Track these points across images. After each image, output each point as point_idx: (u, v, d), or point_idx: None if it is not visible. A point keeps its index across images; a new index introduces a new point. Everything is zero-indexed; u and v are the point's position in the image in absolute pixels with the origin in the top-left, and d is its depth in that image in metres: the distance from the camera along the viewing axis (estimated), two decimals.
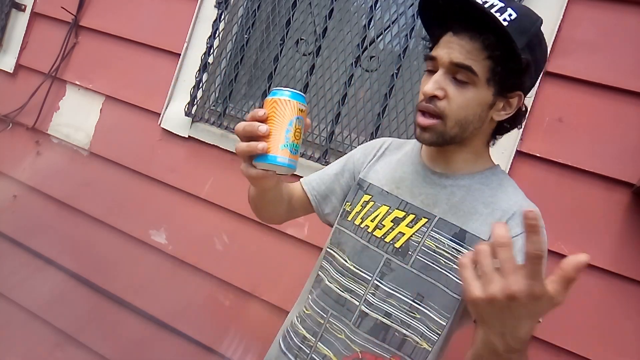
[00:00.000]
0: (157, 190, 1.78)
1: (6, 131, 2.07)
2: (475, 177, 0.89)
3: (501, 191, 0.88)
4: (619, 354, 1.21)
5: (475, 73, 0.79)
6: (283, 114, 0.71)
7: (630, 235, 1.22)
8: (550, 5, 1.32)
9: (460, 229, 0.85)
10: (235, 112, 1.72)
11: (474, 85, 0.80)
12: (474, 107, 0.81)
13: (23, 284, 1.96)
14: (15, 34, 2.09)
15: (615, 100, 1.26)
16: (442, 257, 0.85)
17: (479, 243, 0.75)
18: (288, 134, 0.71)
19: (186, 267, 1.71)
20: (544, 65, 0.86)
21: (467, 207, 0.87)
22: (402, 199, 0.91)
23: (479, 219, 0.85)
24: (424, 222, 0.88)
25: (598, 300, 1.24)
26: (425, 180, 0.91)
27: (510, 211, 0.84)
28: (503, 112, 0.85)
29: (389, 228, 0.90)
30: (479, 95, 0.81)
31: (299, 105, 0.72)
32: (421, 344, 0.86)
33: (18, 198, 2.03)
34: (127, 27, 1.89)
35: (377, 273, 0.89)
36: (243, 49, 1.70)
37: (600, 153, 1.26)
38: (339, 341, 0.91)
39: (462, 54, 0.79)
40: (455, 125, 0.82)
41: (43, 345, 1.89)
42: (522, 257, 0.73)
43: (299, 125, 0.72)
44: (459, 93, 0.80)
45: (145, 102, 1.82)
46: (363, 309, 0.89)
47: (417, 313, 0.86)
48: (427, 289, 0.85)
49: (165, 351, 1.72)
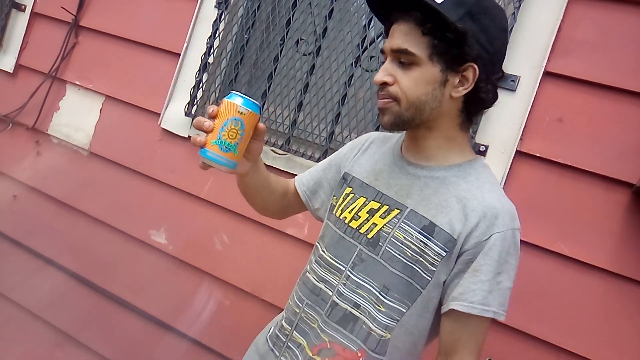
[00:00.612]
0: (157, 190, 1.78)
1: (6, 131, 2.07)
2: (452, 169, 0.88)
3: (477, 187, 0.86)
4: (619, 354, 1.21)
5: (413, 53, 0.81)
6: (223, 114, 0.79)
7: (630, 235, 1.22)
8: (550, 5, 1.32)
9: (430, 222, 0.84)
10: None
11: (417, 64, 0.82)
12: (423, 86, 0.83)
13: (23, 284, 1.96)
14: (15, 34, 2.09)
15: (616, 100, 1.26)
16: (409, 250, 0.85)
17: (445, 239, 0.83)
18: (222, 132, 0.79)
19: (186, 267, 1.71)
20: (499, 32, 0.85)
21: (439, 199, 0.86)
22: (379, 190, 0.92)
23: (449, 213, 0.84)
24: (396, 213, 0.88)
25: (598, 300, 1.24)
26: (401, 171, 0.92)
27: (482, 212, 0.83)
28: (461, 87, 0.84)
29: (364, 219, 0.90)
30: (425, 73, 0.82)
31: (239, 108, 0.79)
32: (385, 336, 0.87)
33: (18, 198, 2.03)
34: (127, 27, 1.89)
35: (350, 264, 0.90)
36: (243, 49, 1.70)
37: (600, 153, 1.26)
38: (312, 330, 0.92)
39: (400, 39, 0.82)
40: (410, 106, 0.84)
41: (43, 345, 1.89)
42: (481, 262, 0.81)
43: (235, 126, 0.79)
44: (405, 75, 0.83)
45: (145, 102, 1.82)
46: (334, 299, 0.90)
47: (382, 306, 0.86)
48: (392, 280, 0.86)
49: (165, 351, 1.72)
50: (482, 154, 1.36)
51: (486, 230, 0.82)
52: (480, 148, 1.36)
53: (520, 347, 1.29)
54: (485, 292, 0.81)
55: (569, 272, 1.27)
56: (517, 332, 1.29)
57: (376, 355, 0.87)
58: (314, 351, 0.90)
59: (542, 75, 1.31)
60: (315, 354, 0.90)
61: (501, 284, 0.82)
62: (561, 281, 1.27)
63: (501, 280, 0.82)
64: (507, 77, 1.34)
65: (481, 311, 0.81)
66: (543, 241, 1.29)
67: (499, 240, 0.81)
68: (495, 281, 0.82)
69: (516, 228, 0.84)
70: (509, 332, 1.30)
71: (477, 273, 0.81)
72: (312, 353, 0.90)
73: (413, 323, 0.87)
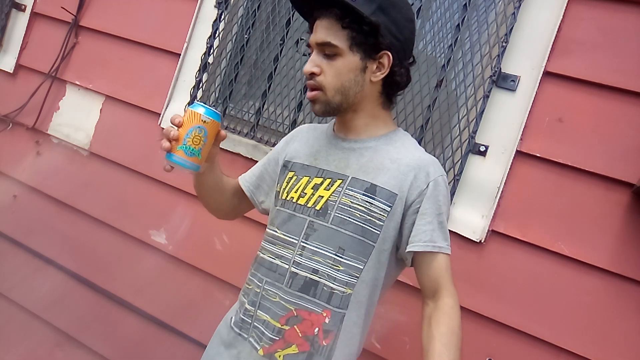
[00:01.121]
0: (157, 190, 1.78)
1: (6, 131, 2.07)
2: (380, 139, 1.01)
3: (404, 149, 1.00)
4: (619, 354, 1.21)
5: (336, 45, 0.92)
6: (187, 123, 0.89)
7: (630, 235, 1.22)
8: (550, 5, 1.32)
9: (371, 184, 0.95)
10: (235, 112, 1.72)
11: (340, 55, 0.93)
12: (346, 74, 0.94)
13: (23, 284, 1.96)
14: (15, 34, 2.09)
15: (616, 100, 1.26)
16: (357, 211, 0.95)
17: (387, 195, 0.94)
18: (187, 138, 0.88)
19: (186, 267, 1.71)
20: (406, 22, 0.96)
21: (375, 164, 0.97)
22: (320, 167, 1.01)
23: (387, 173, 0.96)
24: (339, 183, 0.98)
25: (598, 300, 1.24)
26: (337, 148, 1.02)
27: (415, 166, 0.96)
28: (378, 72, 0.96)
29: (310, 194, 0.99)
30: (347, 62, 0.94)
31: (203, 117, 0.89)
32: (346, 291, 0.95)
33: (18, 198, 2.03)
34: (127, 27, 1.89)
35: (302, 235, 0.98)
36: (243, 49, 1.70)
37: (600, 153, 1.26)
38: (274, 305, 0.98)
39: (323, 33, 0.93)
40: (336, 93, 0.95)
41: (43, 345, 1.89)
42: (426, 206, 0.94)
43: (199, 133, 0.89)
44: (330, 65, 0.94)
45: (145, 102, 1.82)
46: (292, 270, 0.98)
47: (340, 265, 0.95)
48: (346, 241, 0.95)
49: (165, 351, 1.72)
50: (482, 154, 1.36)
51: (424, 179, 0.95)
52: (480, 148, 1.36)
53: (520, 347, 1.29)
54: (431, 232, 0.94)
55: (569, 272, 1.27)
56: (517, 332, 1.29)
57: (340, 310, 0.96)
58: (281, 322, 0.97)
59: (542, 75, 1.31)
60: (283, 324, 0.97)
61: (442, 223, 0.96)
62: (561, 281, 1.27)
63: (442, 220, 0.96)
64: (507, 77, 1.35)
65: (433, 248, 0.94)
66: (543, 241, 1.29)
67: (433, 187, 0.95)
68: (437, 220, 0.95)
69: (443, 174, 0.99)
70: (509, 332, 1.30)
71: (424, 216, 0.94)
72: (281, 324, 0.97)
73: (371, 276, 0.96)
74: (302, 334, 0.96)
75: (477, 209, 1.36)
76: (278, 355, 0.97)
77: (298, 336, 0.96)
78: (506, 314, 1.31)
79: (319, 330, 0.96)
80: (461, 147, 1.37)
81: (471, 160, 1.38)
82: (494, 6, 1.39)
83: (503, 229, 1.33)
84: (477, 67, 1.38)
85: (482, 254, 1.35)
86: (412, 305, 1.41)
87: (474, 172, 1.37)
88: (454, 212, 1.38)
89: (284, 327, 0.97)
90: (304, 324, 0.96)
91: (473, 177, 1.37)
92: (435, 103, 1.43)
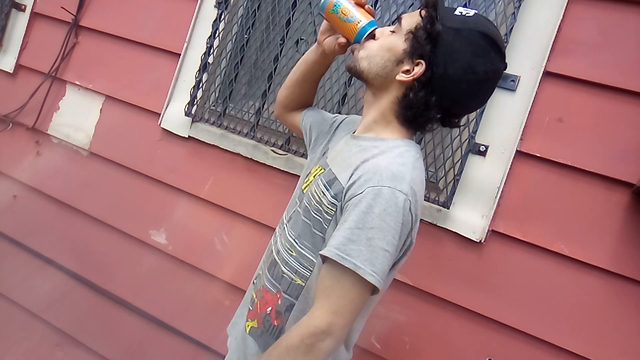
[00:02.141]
0: (157, 190, 1.78)
1: (6, 131, 2.07)
2: (376, 141, 0.94)
3: (385, 155, 0.89)
4: (619, 354, 1.21)
5: (401, 23, 0.93)
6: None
7: (630, 235, 1.22)
8: (550, 5, 1.32)
9: (334, 177, 0.91)
10: (235, 112, 1.72)
11: (396, 33, 0.94)
12: (385, 50, 0.93)
13: (23, 284, 1.96)
14: (15, 34, 2.09)
15: (615, 100, 1.26)
16: (314, 200, 0.93)
17: (338, 190, 0.88)
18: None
19: (186, 267, 1.71)
20: (467, 65, 0.87)
21: (352, 161, 0.91)
22: (327, 157, 1.03)
23: (349, 170, 0.88)
24: (321, 172, 0.98)
25: (598, 300, 1.24)
26: (344, 142, 1.02)
27: (366, 168, 0.85)
28: (405, 75, 0.91)
29: (309, 182, 1.01)
30: (394, 40, 0.93)
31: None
32: (295, 280, 0.94)
33: (18, 198, 2.03)
34: (127, 27, 1.89)
35: (288, 217, 1.02)
36: (243, 49, 1.70)
37: (600, 153, 1.26)
38: (259, 275, 1.05)
39: (407, 14, 0.94)
40: (365, 57, 0.95)
41: (43, 345, 1.89)
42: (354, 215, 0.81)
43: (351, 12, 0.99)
44: (384, 37, 0.95)
45: (145, 102, 1.82)
46: (272, 248, 1.04)
47: (293, 251, 0.95)
48: (304, 229, 0.94)
49: (165, 351, 1.72)
50: (482, 154, 1.36)
51: (363, 184, 0.83)
52: (480, 148, 1.36)
53: (520, 347, 1.29)
54: (344, 239, 0.80)
55: (569, 272, 1.27)
56: (517, 332, 1.29)
57: (288, 297, 0.94)
58: (256, 294, 1.02)
59: (542, 75, 1.31)
60: (255, 297, 1.02)
61: (372, 241, 0.79)
62: (561, 281, 1.27)
63: (372, 237, 0.79)
64: (507, 77, 1.35)
65: (336, 256, 0.79)
66: (543, 241, 1.29)
67: (370, 194, 0.80)
68: (364, 235, 0.79)
69: (397, 189, 0.81)
70: (509, 332, 1.30)
71: (344, 222, 0.82)
72: (255, 296, 1.03)
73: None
74: (260, 310, 0.98)
75: (477, 209, 1.36)
76: (247, 324, 1.01)
77: (258, 312, 1.00)
78: (506, 314, 1.31)
79: (271, 310, 0.96)
80: (461, 147, 1.37)
81: (471, 160, 1.38)
82: (494, 6, 1.39)
83: (503, 229, 1.33)
84: None
85: (482, 254, 1.35)
86: (412, 305, 1.41)
87: (474, 172, 1.37)
88: (454, 212, 1.38)
89: (255, 299, 1.02)
90: (262, 301, 0.99)
91: (473, 177, 1.37)
92: None
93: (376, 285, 0.79)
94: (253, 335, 0.99)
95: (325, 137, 1.13)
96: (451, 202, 1.37)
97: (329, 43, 1.04)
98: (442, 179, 1.39)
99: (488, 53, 0.88)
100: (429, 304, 1.39)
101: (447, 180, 1.38)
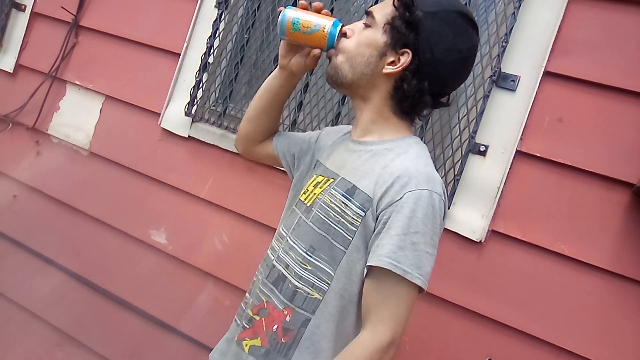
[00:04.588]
0: (157, 190, 1.78)
1: (6, 131, 2.07)
2: (385, 143, 0.93)
3: (403, 156, 0.90)
4: (619, 354, 1.21)
5: (374, 17, 0.91)
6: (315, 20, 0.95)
7: (630, 235, 1.22)
8: (550, 5, 1.32)
9: (353, 186, 0.89)
10: (235, 112, 1.72)
11: (372, 27, 0.91)
12: (364, 47, 0.91)
13: (23, 284, 1.96)
14: (15, 34, 2.09)
15: (615, 100, 1.26)
16: (332, 211, 0.89)
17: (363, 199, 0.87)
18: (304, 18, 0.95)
19: (186, 267, 1.71)
20: (452, 47, 0.89)
21: (367, 168, 0.91)
22: (326, 166, 0.99)
23: (372, 178, 0.88)
24: (330, 181, 0.94)
25: (598, 300, 1.24)
26: (344, 149, 0.99)
27: (397, 174, 0.85)
28: (391, 67, 0.90)
29: (310, 192, 0.97)
30: (371, 36, 0.91)
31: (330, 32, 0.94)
32: (312, 294, 0.90)
33: (18, 198, 2.03)
34: (127, 27, 1.89)
35: (290, 230, 0.96)
36: (243, 49, 1.70)
37: (600, 153, 1.26)
38: (255, 293, 1.00)
39: (377, 5, 0.94)
40: (346, 60, 0.92)
41: (43, 345, 1.89)
42: (399, 222, 0.82)
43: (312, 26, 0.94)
44: (359, 33, 0.93)
45: (145, 102, 1.82)
46: (274, 262, 0.97)
47: (308, 265, 0.91)
48: (318, 241, 0.90)
49: (165, 351, 1.72)
50: (482, 154, 1.36)
51: (400, 189, 0.83)
52: (480, 148, 1.36)
53: (520, 347, 1.29)
54: (394, 247, 0.81)
55: (569, 272, 1.27)
56: (517, 332, 1.29)
57: (303, 312, 0.90)
58: (254, 311, 0.97)
59: (542, 75, 1.31)
60: (255, 314, 0.97)
61: (417, 245, 0.81)
62: (561, 281, 1.27)
63: (416, 241, 0.81)
64: (507, 77, 1.35)
65: (388, 264, 0.80)
66: (543, 241, 1.29)
67: (411, 199, 0.82)
68: (409, 239, 0.81)
69: (434, 191, 0.84)
70: (509, 332, 1.30)
71: (389, 230, 0.83)
72: (253, 313, 0.97)
73: (341, 286, 0.89)
74: (265, 327, 0.94)
75: (477, 209, 1.36)
76: (245, 344, 0.96)
77: (262, 329, 0.95)
78: (506, 314, 1.31)
79: (277, 328, 0.92)
80: (461, 147, 1.37)
81: (471, 160, 1.38)
82: (494, 6, 1.39)
83: (503, 229, 1.33)
84: (477, 67, 1.38)
85: (482, 254, 1.35)
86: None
87: (474, 172, 1.37)
88: (454, 212, 1.37)
89: (255, 316, 0.96)
90: (268, 318, 0.95)
91: (473, 177, 1.37)
92: None
93: (424, 288, 0.84)
94: (255, 354, 0.95)
95: (307, 153, 1.10)
96: (451, 202, 1.37)
97: (296, 63, 1.00)
98: (442, 179, 1.39)
99: (467, 30, 0.90)
100: (429, 304, 1.39)
101: (447, 180, 1.38)
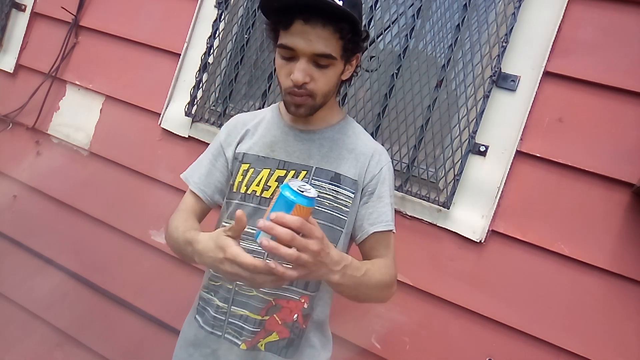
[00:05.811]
0: (157, 190, 1.78)
1: (6, 131, 2.07)
2: (334, 128, 1.06)
3: (357, 138, 1.07)
4: (619, 354, 1.21)
5: (335, 57, 0.93)
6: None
7: (630, 235, 1.22)
8: (550, 5, 1.33)
9: (335, 173, 1.01)
10: (235, 112, 1.72)
11: (333, 65, 0.95)
12: (334, 81, 0.98)
13: (23, 284, 1.96)
14: (15, 34, 2.09)
15: (615, 100, 1.26)
16: (326, 200, 1.00)
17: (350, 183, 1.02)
18: None
19: (186, 267, 1.71)
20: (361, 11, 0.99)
21: (335, 154, 1.03)
22: (279, 159, 1.03)
23: (346, 163, 1.03)
24: (304, 174, 1.01)
25: (598, 300, 1.24)
26: (295, 139, 1.04)
27: (369, 154, 1.05)
28: (348, 72, 1.02)
29: (275, 187, 1.00)
30: (336, 70, 0.97)
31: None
32: None
33: (18, 198, 2.03)
34: (127, 27, 1.89)
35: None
36: (243, 49, 1.70)
37: (600, 153, 1.26)
38: (252, 299, 1.01)
39: (321, 44, 0.90)
40: (322, 98, 0.98)
41: (43, 345, 1.89)
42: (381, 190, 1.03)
43: None
44: (322, 75, 0.95)
45: (145, 102, 1.82)
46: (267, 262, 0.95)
47: None
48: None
49: (165, 351, 1.72)
50: (482, 154, 1.36)
51: (376, 165, 1.04)
52: (480, 148, 1.36)
53: (520, 347, 1.29)
54: (389, 212, 1.04)
55: (569, 272, 1.27)
56: (517, 332, 1.29)
57: (314, 294, 1.03)
58: (262, 314, 1.00)
59: (542, 75, 1.31)
60: (264, 316, 1.00)
61: (392, 205, 1.06)
62: (561, 281, 1.27)
63: (392, 202, 1.06)
64: (507, 77, 1.35)
65: (390, 226, 1.03)
66: (543, 241, 1.29)
67: (386, 170, 1.05)
68: (390, 202, 1.05)
69: (390, 161, 1.08)
70: (509, 332, 1.30)
71: (382, 199, 1.03)
72: (261, 316, 1.00)
73: None
74: (282, 321, 1.00)
75: (477, 209, 1.36)
76: (260, 344, 1.01)
77: (278, 324, 1.00)
78: (506, 314, 1.31)
79: (298, 316, 1.01)
80: (461, 147, 1.37)
81: (471, 160, 1.38)
82: (494, 6, 1.39)
83: (503, 229, 1.33)
84: (477, 67, 1.38)
85: (482, 254, 1.35)
86: (412, 306, 1.41)
87: (474, 172, 1.37)
88: (454, 212, 1.38)
89: (265, 317, 1.00)
90: (283, 311, 1.00)
91: (473, 177, 1.37)
92: (435, 103, 1.43)
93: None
94: (273, 349, 1.01)
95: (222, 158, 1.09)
96: (451, 202, 1.37)
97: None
98: (442, 179, 1.39)
99: None
100: (429, 304, 1.39)
101: (447, 180, 1.38)
